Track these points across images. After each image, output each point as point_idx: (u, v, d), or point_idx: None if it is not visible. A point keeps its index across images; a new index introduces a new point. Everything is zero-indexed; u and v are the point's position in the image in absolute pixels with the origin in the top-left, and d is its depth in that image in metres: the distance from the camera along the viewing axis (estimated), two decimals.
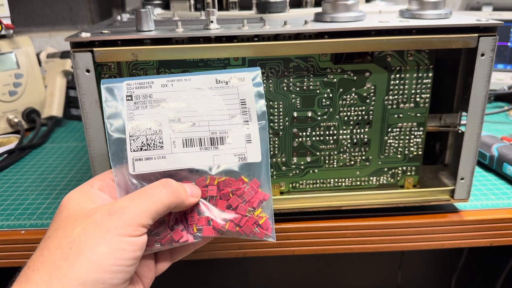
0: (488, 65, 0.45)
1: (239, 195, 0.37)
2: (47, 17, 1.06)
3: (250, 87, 0.38)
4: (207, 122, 0.37)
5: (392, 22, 0.44)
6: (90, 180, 0.36)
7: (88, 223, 0.31)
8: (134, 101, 0.37)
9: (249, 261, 1.04)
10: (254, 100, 0.38)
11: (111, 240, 0.30)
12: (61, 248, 0.30)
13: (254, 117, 0.38)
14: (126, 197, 0.33)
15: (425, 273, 1.07)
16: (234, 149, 0.38)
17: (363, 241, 0.51)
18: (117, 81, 0.38)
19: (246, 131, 0.38)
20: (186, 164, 0.37)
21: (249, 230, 0.37)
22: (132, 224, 0.31)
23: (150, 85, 0.37)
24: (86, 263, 0.29)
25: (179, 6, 0.63)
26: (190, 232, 0.37)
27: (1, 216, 0.53)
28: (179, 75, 0.38)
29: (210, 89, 0.38)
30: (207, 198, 0.37)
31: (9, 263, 0.50)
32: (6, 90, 0.79)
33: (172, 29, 0.43)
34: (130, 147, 0.37)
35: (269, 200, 0.38)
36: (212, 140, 0.37)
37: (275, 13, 0.53)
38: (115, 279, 0.30)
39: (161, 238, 0.36)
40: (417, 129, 0.50)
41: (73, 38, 0.41)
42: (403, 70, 0.47)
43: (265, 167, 0.38)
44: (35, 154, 0.73)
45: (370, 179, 0.52)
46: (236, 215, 0.37)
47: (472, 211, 0.52)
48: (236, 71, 0.38)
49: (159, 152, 0.37)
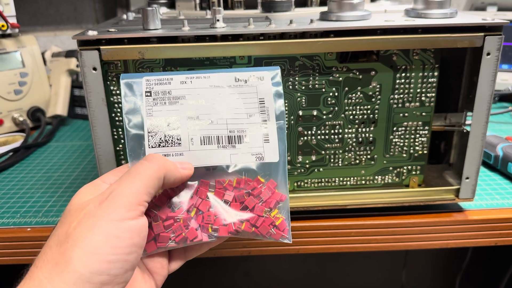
0: (494, 64, 0.45)
1: (256, 195, 0.37)
2: (52, 16, 1.06)
3: (269, 86, 0.38)
4: (225, 120, 0.37)
5: (397, 21, 0.44)
6: (104, 175, 0.36)
7: (83, 215, 0.31)
8: (153, 97, 0.37)
9: (253, 260, 1.04)
10: (272, 100, 0.38)
11: (105, 227, 0.30)
12: (60, 244, 0.30)
13: (272, 116, 0.38)
14: (115, 182, 0.33)
15: (429, 272, 1.07)
16: (252, 148, 0.37)
17: (368, 240, 0.51)
18: (136, 76, 0.38)
19: (264, 130, 0.37)
20: (203, 162, 0.37)
21: (265, 231, 0.37)
22: (124, 206, 0.31)
23: (169, 82, 0.37)
24: (82, 255, 0.29)
25: (184, 5, 0.63)
26: (205, 231, 0.36)
27: (7, 213, 0.54)
28: (198, 72, 0.38)
29: (229, 87, 0.38)
30: (223, 199, 0.37)
31: (16, 260, 0.50)
32: (12, 89, 0.79)
33: (178, 28, 0.43)
34: (148, 143, 0.37)
35: (286, 201, 0.38)
36: (230, 138, 0.37)
37: (280, 12, 0.53)
38: (114, 269, 0.30)
39: (176, 236, 0.36)
40: (422, 128, 0.50)
41: (80, 36, 0.41)
42: (409, 69, 0.47)
43: (282, 168, 0.38)
44: (40, 153, 0.73)
45: (375, 178, 0.52)
46: (252, 216, 0.37)
47: (477, 211, 0.52)
48: (255, 70, 0.38)
49: (176, 149, 0.37)
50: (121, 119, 0.46)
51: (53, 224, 0.51)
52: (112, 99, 0.45)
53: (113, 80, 0.45)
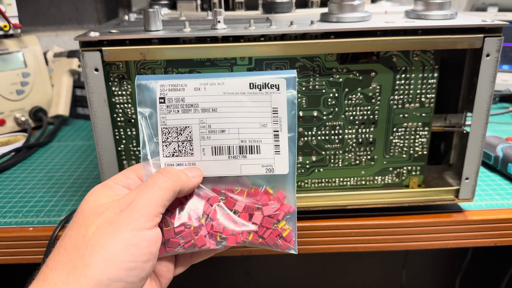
0: (493, 65, 0.45)
1: (265, 208, 0.37)
2: (53, 16, 1.07)
3: (283, 96, 0.37)
4: (237, 130, 0.37)
5: (397, 22, 0.45)
6: (115, 176, 0.36)
7: (102, 221, 0.31)
8: (166, 104, 0.37)
9: (253, 259, 1.05)
10: (286, 110, 0.37)
11: (125, 236, 0.30)
12: (77, 248, 0.30)
13: (284, 127, 0.37)
14: (133, 191, 0.33)
15: (429, 273, 1.07)
16: (262, 159, 0.37)
17: (368, 240, 0.52)
18: (151, 78, 0.37)
19: (275, 142, 0.37)
20: (214, 172, 0.37)
21: (272, 242, 0.37)
22: (144, 216, 0.32)
23: (183, 88, 0.37)
24: (101, 261, 0.29)
25: (185, 6, 0.63)
26: (213, 239, 0.37)
27: (9, 213, 0.54)
28: (212, 77, 0.37)
29: (243, 94, 0.37)
30: (232, 210, 0.37)
31: (18, 259, 0.51)
32: (14, 89, 0.79)
33: (179, 29, 0.44)
34: (163, 153, 0.37)
35: (293, 213, 0.38)
36: (241, 148, 0.37)
37: (281, 14, 0.53)
38: (131, 276, 0.30)
39: (185, 242, 0.36)
40: (422, 129, 0.50)
41: (82, 38, 0.42)
42: (409, 70, 0.47)
43: (291, 179, 0.38)
44: (42, 153, 0.73)
45: (375, 178, 0.52)
46: (260, 228, 0.37)
47: (477, 211, 0.52)
48: (271, 75, 0.37)
49: (189, 159, 0.37)
50: (122, 120, 0.47)
51: (55, 223, 0.51)
52: (114, 99, 0.46)
53: (115, 81, 0.45)
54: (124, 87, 0.45)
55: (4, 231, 0.50)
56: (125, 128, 0.47)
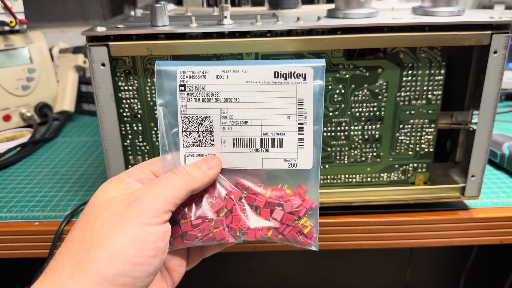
0: (501, 62, 0.45)
1: (286, 204, 0.36)
2: (59, 12, 1.07)
3: (310, 86, 0.35)
4: (259, 122, 0.35)
5: (404, 19, 0.45)
6: (128, 170, 0.36)
7: (110, 214, 0.31)
8: (187, 92, 0.35)
9: (256, 257, 1.05)
10: (312, 101, 0.35)
11: (132, 230, 0.30)
12: (85, 241, 0.30)
13: (310, 120, 0.35)
14: (144, 187, 0.33)
15: (434, 271, 1.07)
16: (285, 153, 0.36)
17: (373, 237, 0.52)
18: (171, 64, 0.35)
19: (299, 135, 0.35)
20: (234, 164, 0.36)
21: (292, 239, 0.36)
22: (152, 211, 0.31)
23: (205, 75, 0.35)
24: (107, 255, 0.29)
25: (191, 2, 0.63)
26: (232, 233, 0.36)
27: (15, 207, 0.54)
28: (235, 64, 0.35)
29: (267, 84, 0.35)
30: (253, 206, 0.36)
31: (24, 253, 0.51)
32: (19, 85, 0.80)
33: (186, 25, 0.44)
34: (182, 142, 0.36)
35: (316, 209, 0.37)
36: (263, 141, 0.36)
37: (287, 9, 0.53)
38: (137, 271, 0.30)
39: (204, 235, 0.35)
40: (429, 126, 0.50)
41: (89, 32, 0.42)
42: (415, 67, 0.47)
43: (314, 174, 0.36)
44: (47, 148, 0.74)
45: (381, 175, 0.52)
46: (281, 224, 0.36)
47: (482, 209, 0.52)
48: (297, 64, 0.35)
49: (209, 149, 0.36)
50: (129, 115, 0.47)
51: (61, 218, 0.51)
52: (120, 94, 0.46)
53: (121, 76, 0.45)
54: (131, 82, 0.45)
55: (10, 226, 0.51)
56: (131, 123, 0.47)
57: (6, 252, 0.51)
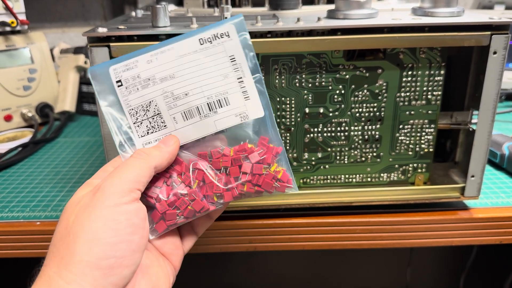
0: (500, 63, 0.45)
1: (251, 157, 0.37)
2: (59, 13, 1.07)
3: (236, 41, 0.36)
4: (200, 89, 0.36)
5: (404, 19, 0.45)
6: (95, 174, 0.37)
7: (79, 208, 0.32)
8: (125, 86, 0.37)
9: (256, 257, 1.05)
10: (243, 54, 0.36)
11: (101, 214, 0.31)
12: (62, 239, 0.31)
13: (247, 72, 0.36)
14: (106, 176, 0.34)
15: (434, 271, 1.07)
16: (234, 109, 0.37)
17: (373, 237, 0.52)
18: (102, 66, 0.37)
19: (242, 88, 0.37)
20: (192, 137, 0.37)
21: (269, 187, 0.37)
22: (117, 193, 0.32)
23: (136, 65, 0.36)
24: (84, 243, 0.30)
25: (192, 2, 0.64)
26: (210, 201, 0.37)
27: (16, 207, 0.54)
28: (161, 45, 0.36)
29: (195, 52, 0.36)
30: (221, 168, 0.37)
31: (25, 253, 0.51)
32: (21, 85, 0.80)
33: (187, 25, 0.44)
34: (137, 133, 0.37)
35: (282, 152, 0.38)
36: (210, 105, 0.37)
37: (287, 10, 0.53)
38: (118, 250, 0.31)
39: (182, 211, 0.36)
40: (429, 126, 0.50)
41: (90, 33, 0.42)
42: (415, 68, 0.47)
43: (270, 121, 0.37)
44: (48, 148, 0.74)
45: (381, 175, 0.52)
46: (252, 176, 0.37)
47: (482, 209, 0.52)
48: (217, 25, 0.36)
49: (164, 131, 0.37)
50: None
51: None
52: None
53: None
54: None
55: (11, 225, 0.51)
56: None
57: (8, 252, 0.51)
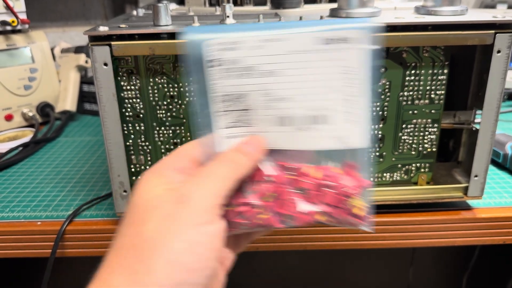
0: (504, 62, 0.45)
1: (335, 185, 0.32)
2: (60, 12, 1.07)
3: (357, 51, 0.29)
4: (304, 96, 0.31)
5: (407, 18, 0.44)
6: (165, 160, 0.32)
7: (159, 216, 0.28)
8: (217, 68, 0.31)
9: (257, 257, 1.05)
10: (364, 69, 0.29)
11: (187, 233, 0.27)
12: (135, 249, 0.27)
13: (362, 90, 0.30)
14: (189, 181, 0.30)
15: (436, 271, 1.07)
16: (334, 131, 0.31)
17: (375, 237, 0.51)
18: (199, 31, 0.31)
19: (349, 108, 0.31)
20: (277, 145, 0.32)
21: (344, 220, 0.33)
22: (204, 209, 0.28)
23: (238, 46, 0.30)
24: (165, 265, 0.26)
25: (193, 1, 0.63)
26: (279, 219, 0.32)
27: (17, 207, 0.54)
28: (272, 30, 0.30)
29: (311, 52, 0.30)
30: (301, 188, 0.33)
31: (26, 253, 0.51)
32: (21, 84, 0.80)
33: (188, 24, 0.44)
34: (218, 124, 0.32)
35: (368, 187, 0.33)
36: (309, 118, 0.31)
37: (290, 9, 0.53)
38: (196, 277, 0.27)
39: (249, 222, 0.32)
40: (432, 125, 0.50)
41: (91, 32, 0.42)
42: (418, 67, 0.47)
43: (367, 151, 0.32)
44: (49, 148, 0.74)
45: (384, 175, 0.52)
46: (333, 209, 0.32)
47: (485, 209, 0.52)
48: (340, 25, 0.30)
49: (251, 129, 0.32)
50: (131, 115, 0.47)
51: (63, 218, 0.51)
52: (122, 94, 0.46)
53: (124, 76, 0.45)
54: (133, 82, 0.45)
55: (12, 225, 0.51)
56: (133, 123, 0.47)
57: (8, 251, 0.51)
